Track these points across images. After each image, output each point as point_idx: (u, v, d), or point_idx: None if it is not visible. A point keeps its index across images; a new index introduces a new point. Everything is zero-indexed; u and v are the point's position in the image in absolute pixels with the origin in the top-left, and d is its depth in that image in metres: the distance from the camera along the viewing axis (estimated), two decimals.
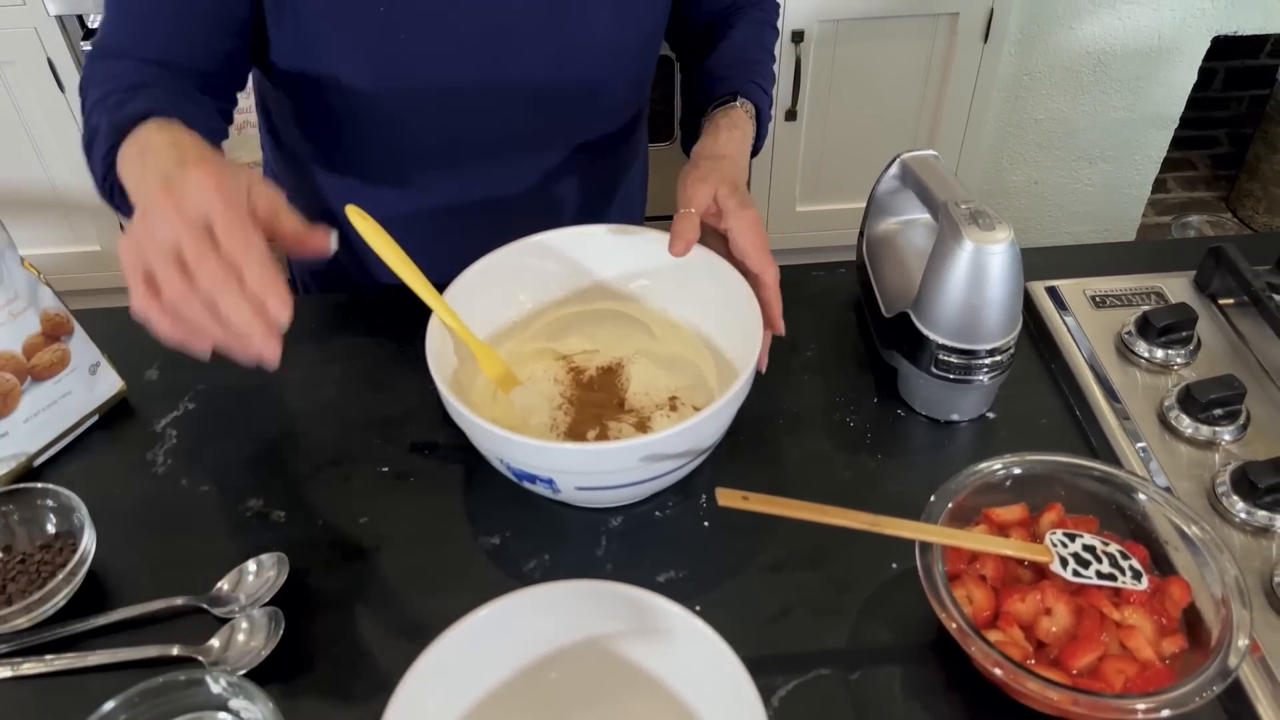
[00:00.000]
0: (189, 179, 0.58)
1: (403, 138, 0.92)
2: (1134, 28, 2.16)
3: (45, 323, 0.80)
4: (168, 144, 0.65)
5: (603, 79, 0.93)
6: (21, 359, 0.79)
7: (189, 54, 0.81)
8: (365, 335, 0.94)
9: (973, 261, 0.76)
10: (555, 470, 0.70)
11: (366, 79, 0.85)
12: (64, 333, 0.81)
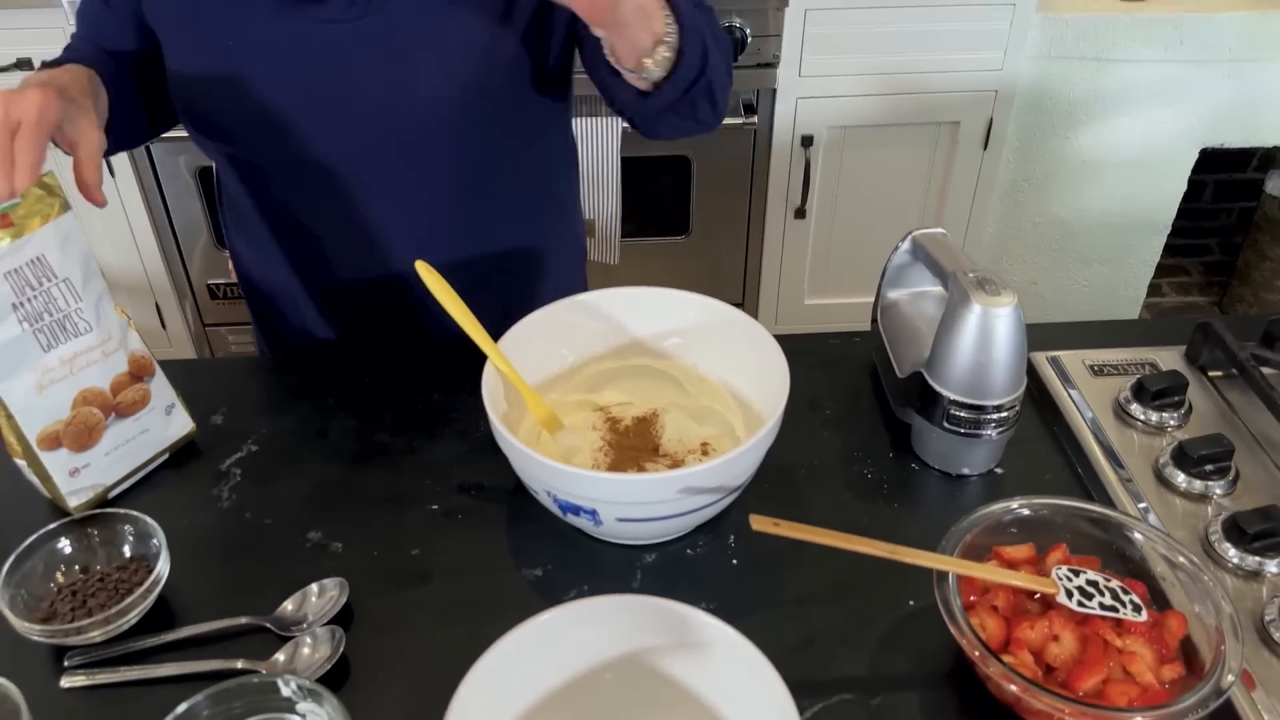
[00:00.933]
0: (29, 92, 0.76)
1: (264, 167, 1.01)
2: (1125, 139, 2.28)
3: (132, 364, 0.87)
4: (51, 73, 0.84)
5: (431, 125, 0.97)
6: (108, 396, 0.86)
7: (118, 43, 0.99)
8: (414, 387, 1.01)
9: (980, 323, 0.84)
10: (599, 501, 0.76)
11: (221, 111, 0.96)
12: (147, 374, 0.88)
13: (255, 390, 1.01)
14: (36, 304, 0.80)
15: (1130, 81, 2.19)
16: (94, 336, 0.84)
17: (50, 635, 0.74)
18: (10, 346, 0.80)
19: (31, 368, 0.81)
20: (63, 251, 0.81)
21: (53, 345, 0.82)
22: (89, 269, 0.84)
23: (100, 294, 0.85)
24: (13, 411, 0.81)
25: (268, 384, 1.02)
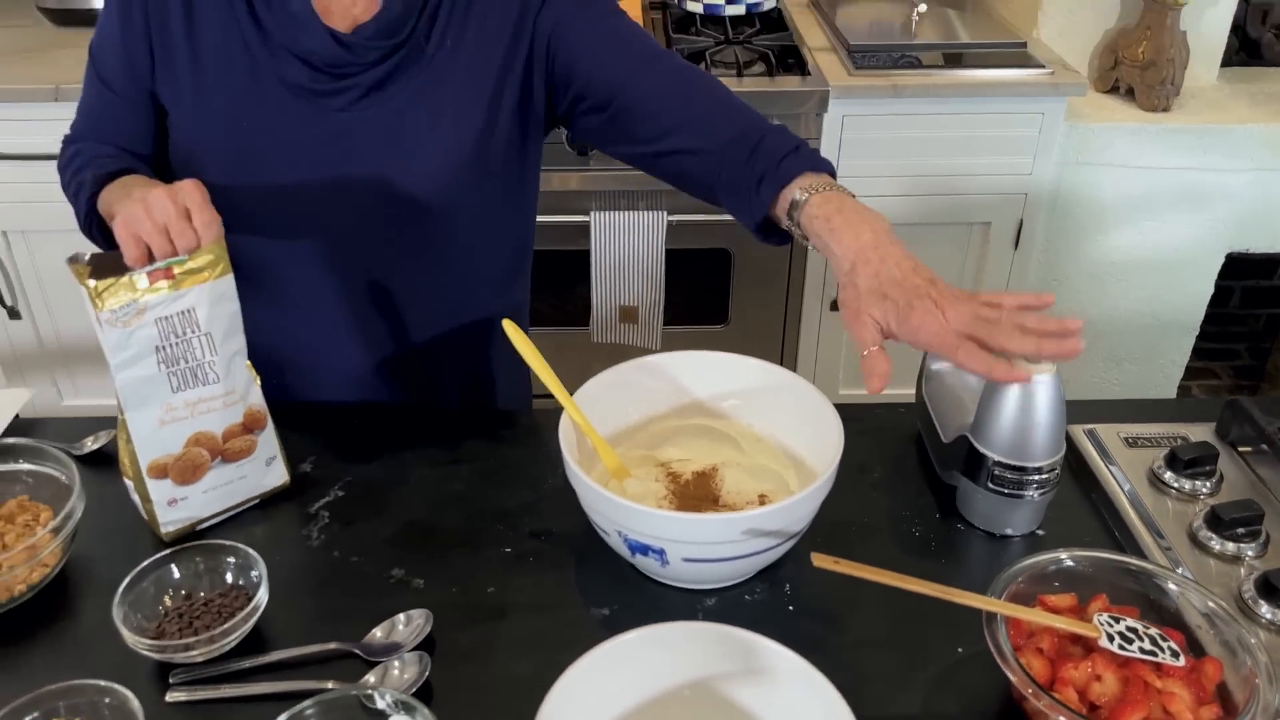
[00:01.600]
0: (183, 184, 0.88)
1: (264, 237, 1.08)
2: (1153, 242, 2.36)
3: (247, 416, 0.95)
4: (144, 182, 0.96)
5: (422, 203, 1.06)
6: (218, 441, 0.93)
7: (128, 141, 1.08)
8: (487, 443, 1.08)
9: (1023, 390, 0.90)
10: (667, 540, 0.82)
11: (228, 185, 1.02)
12: (258, 427, 0.96)
13: (340, 441, 1.08)
14: (176, 350, 0.88)
15: (1156, 187, 2.28)
16: (220, 388, 0.92)
17: (158, 651, 0.80)
18: (145, 382, 0.88)
19: (158, 405, 0.89)
20: (212, 309, 0.89)
21: (181, 388, 0.90)
22: (232, 327, 0.92)
23: (236, 351, 0.93)
24: (133, 438, 0.89)
25: (352, 436, 1.09)
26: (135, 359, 0.87)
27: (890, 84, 2.05)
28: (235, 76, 1.02)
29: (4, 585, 0.85)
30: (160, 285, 0.86)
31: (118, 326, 0.85)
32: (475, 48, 1.05)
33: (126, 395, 0.88)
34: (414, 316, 1.14)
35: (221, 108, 1.03)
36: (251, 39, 1.02)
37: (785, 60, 2.11)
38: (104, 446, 1.07)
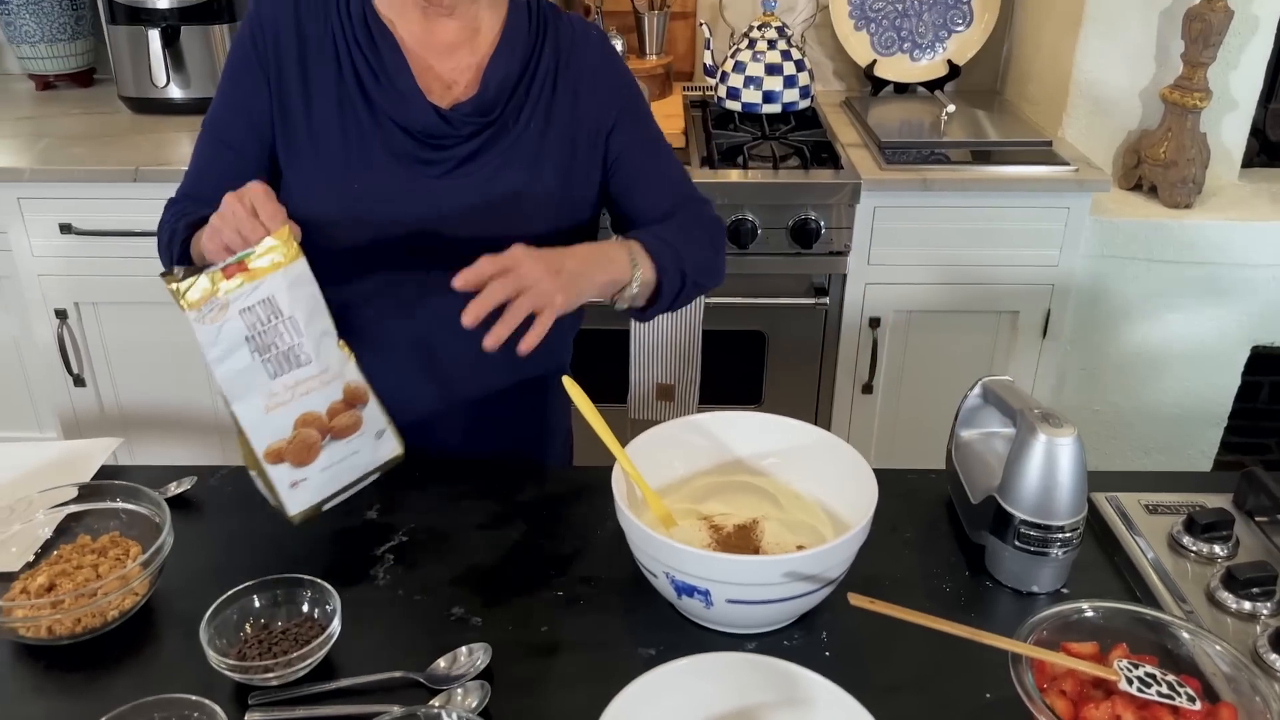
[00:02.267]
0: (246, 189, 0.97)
1: (355, 284, 1.18)
2: (1178, 334, 2.42)
3: (347, 393, 1.01)
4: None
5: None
6: (325, 420, 1.00)
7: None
8: (538, 496, 1.16)
9: (1046, 451, 0.96)
10: (712, 581, 0.88)
11: (335, 244, 1.14)
12: (360, 402, 1.03)
13: (403, 491, 1.15)
14: (265, 339, 0.95)
15: (1180, 281, 2.35)
16: (314, 368, 0.99)
17: (239, 671, 0.87)
18: (242, 373, 0.95)
19: (260, 392, 0.96)
20: (291, 294, 0.96)
21: (278, 374, 0.97)
22: (315, 309, 0.99)
23: (323, 332, 1.00)
24: (244, 428, 0.96)
25: (414, 487, 1.16)
26: (228, 352, 0.94)
27: (920, 178, 2.14)
28: (347, 145, 1.14)
29: (99, 611, 0.92)
30: (236, 279, 0.93)
31: (205, 323, 0.92)
32: (557, 132, 1.19)
33: (228, 388, 0.95)
34: (477, 370, 1.23)
35: (333, 172, 1.15)
36: (362, 112, 1.14)
37: (819, 155, 2.22)
38: (185, 492, 1.15)
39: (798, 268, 2.22)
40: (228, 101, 1.18)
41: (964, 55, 2.62)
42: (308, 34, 1.16)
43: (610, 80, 1.25)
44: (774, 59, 2.35)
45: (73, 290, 2.26)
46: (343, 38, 1.16)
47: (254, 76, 1.16)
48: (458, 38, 1.18)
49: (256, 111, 1.16)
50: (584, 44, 1.23)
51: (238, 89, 1.17)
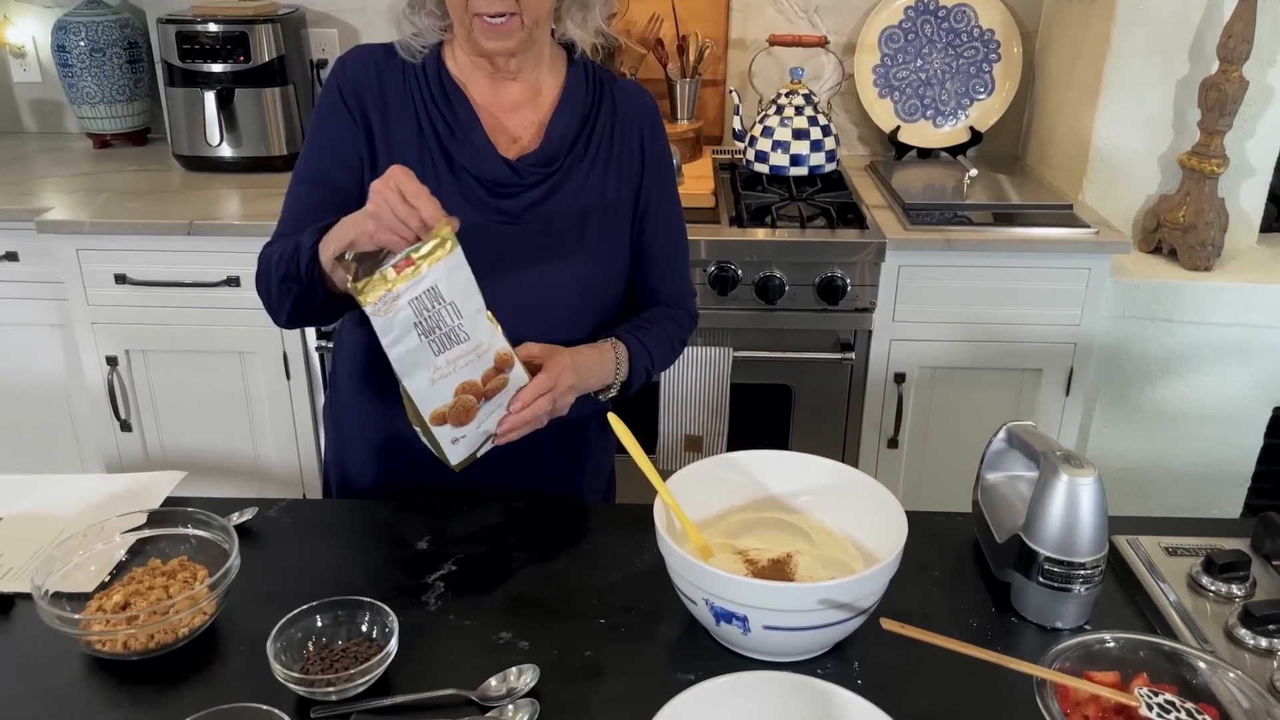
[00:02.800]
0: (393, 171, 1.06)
1: None
2: (1199, 394, 2.45)
3: (497, 360, 1.11)
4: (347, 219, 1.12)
5: (561, 305, 1.28)
6: (479, 385, 1.10)
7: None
8: (580, 531, 1.22)
9: (1068, 491, 1.01)
10: (750, 607, 0.93)
11: None
12: (508, 366, 1.12)
13: (452, 525, 1.21)
14: (429, 322, 1.05)
15: (1201, 342, 2.39)
16: (471, 344, 1.08)
17: (302, 685, 0.92)
18: (411, 353, 1.06)
19: (427, 368, 1.07)
20: (450, 281, 1.06)
21: (441, 351, 1.07)
22: (469, 290, 1.08)
23: (477, 309, 1.09)
24: (413, 398, 1.09)
25: (462, 521, 1.22)
26: (400, 337, 1.05)
27: (944, 238, 2.21)
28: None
29: (170, 628, 0.98)
30: (406, 273, 1.03)
31: (381, 315, 1.03)
32: (613, 184, 1.30)
33: (399, 367, 1.07)
34: None
35: None
36: (440, 163, 1.24)
37: (845, 215, 2.29)
38: (246, 521, 1.21)
39: (824, 323, 2.28)
40: (320, 147, 1.27)
41: (986, 122, 2.71)
42: (388, 92, 1.27)
43: (656, 150, 1.36)
44: (801, 124, 2.44)
45: (123, 338, 2.35)
46: (420, 97, 1.26)
47: (344, 122, 1.26)
48: (522, 98, 1.29)
49: (349, 153, 1.26)
50: (640, 108, 1.36)
51: (329, 134, 1.27)
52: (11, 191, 2.42)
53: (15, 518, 1.21)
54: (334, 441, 1.43)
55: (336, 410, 1.42)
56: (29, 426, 2.50)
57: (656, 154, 1.36)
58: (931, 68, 2.68)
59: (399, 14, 1.27)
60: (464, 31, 1.22)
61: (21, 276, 2.35)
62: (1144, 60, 2.35)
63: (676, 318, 1.40)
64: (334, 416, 1.42)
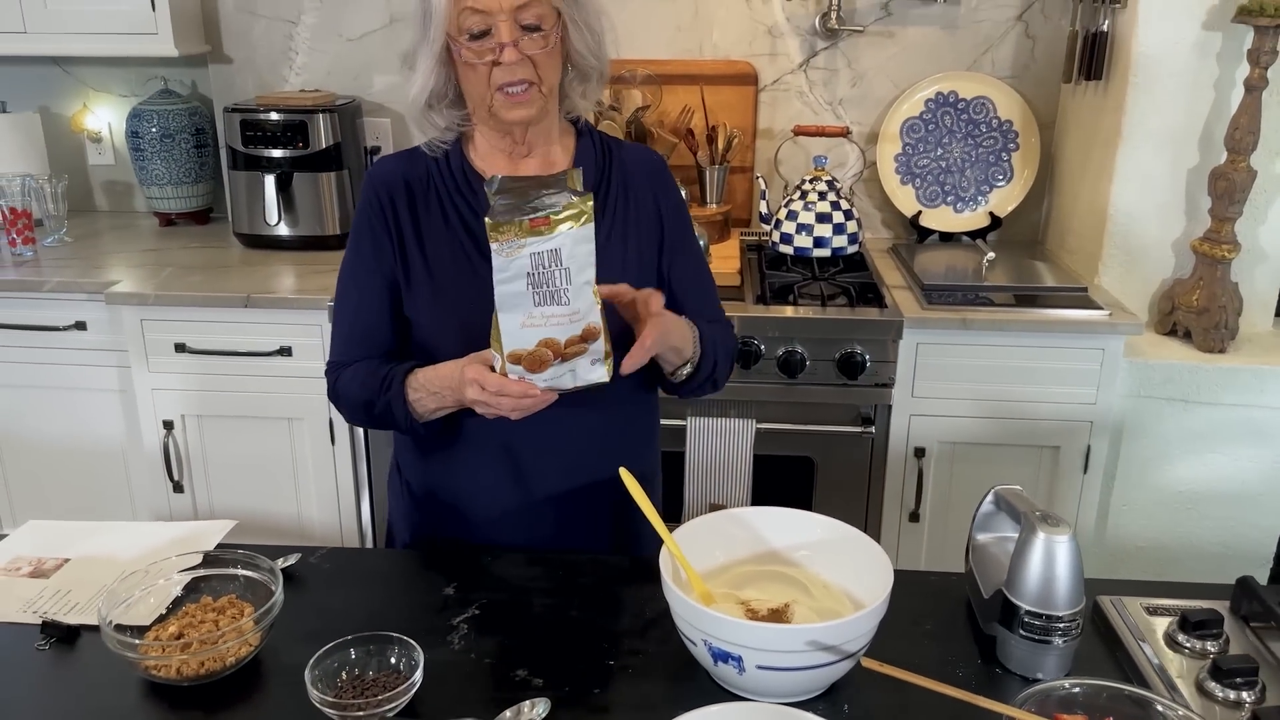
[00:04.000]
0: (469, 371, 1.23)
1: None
2: (1218, 473, 2.49)
3: (585, 331, 1.20)
4: (433, 377, 1.31)
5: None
6: (560, 346, 1.20)
7: (380, 348, 1.42)
8: (596, 581, 1.31)
9: (1045, 548, 1.09)
10: (745, 647, 1.01)
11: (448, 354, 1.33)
12: (593, 338, 1.21)
13: (477, 573, 1.30)
14: (541, 277, 1.16)
15: (1217, 422, 2.44)
16: (568, 309, 1.18)
17: (336, 709, 1.01)
18: (515, 295, 1.17)
19: (522, 313, 1.18)
20: (573, 249, 1.16)
21: (540, 304, 1.17)
22: (586, 263, 1.18)
23: (586, 281, 1.19)
24: (502, 332, 1.19)
25: (486, 570, 1.32)
26: (511, 278, 1.16)
27: (960, 318, 2.30)
28: (459, 275, 1.37)
29: (219, 656, 1.08)
30: (540, 229, 1.14)
31: (502, 255, 1.15)
32: (634, 241, 1.42)
33: (501, 301, 1.17)
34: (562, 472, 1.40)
35: (448, 300, 1.38)
36: (467, 245, 1.37)
37: (865, 294, 2.40)
38: (289, 566, 1.31)
39: (845, 398, 2.37)
40: (364, 263, 1.41)
41: (1005, 208, 2.81)
42: (414, 189, 1.40)
43: (670, 203, 1.48)
44: (824, 209, 2.56)
45: (180, 403, 2.50)
46: (443, 186, 1.40)
47: (377, 232, 1.40)
48: (537, 171, 1.42)
49: (387, 267, 1.40)
50: (648, 167, 1.48)
51: (364, 248, 1.41)
52: (84, 266, 2.60)
53: (82, 559, 1.33)
54: (398, 499, 1.54)
55: (400, 469, 1.53)
56: (89, 486, 2.64)
57: (672, 207, 1.48)
58: (951, 156, 2.80)
59: (418, 115, 1.41)
60: (484, 111, 1.35)
61: (89, 345, 2.51)
62: (1155, 150, 2.45)
63: (725, 330, 1.51)
64: (397, 475, 1.54)
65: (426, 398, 1.32)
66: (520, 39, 1.28)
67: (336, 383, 1.43)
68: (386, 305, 1.41)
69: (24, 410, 2.59)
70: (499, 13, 1.27)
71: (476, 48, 1.29)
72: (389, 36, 2.90)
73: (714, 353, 1.43)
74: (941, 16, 2.76)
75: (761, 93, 2.86)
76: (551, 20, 1.31)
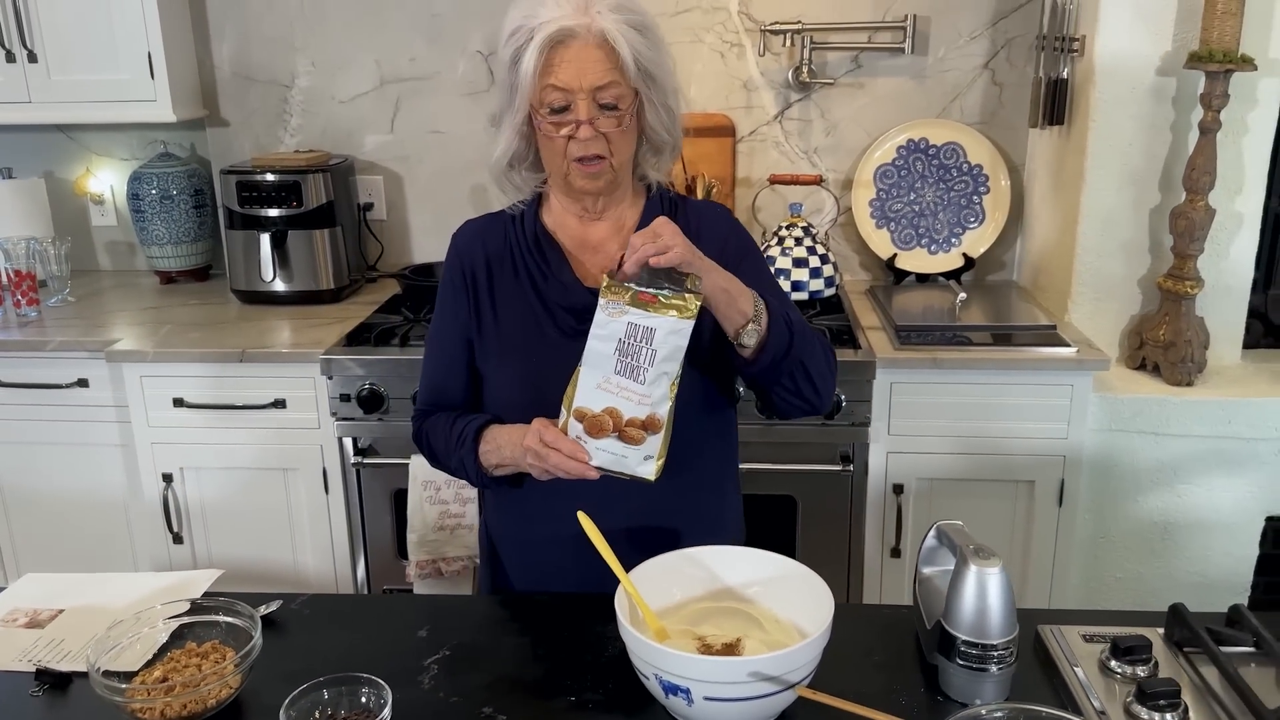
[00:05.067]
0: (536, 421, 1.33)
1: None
2: (1192, 504, 2.55)
3: (648, 419, 1.27)
4: (504, 437, 1.40)
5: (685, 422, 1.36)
6: (620, 420, 1.27)
7: (457, 399, 1.52)
8: (561, 621, 1.37)
9: (977, 580, 1.15)
10: (691, 680, 1.07)
11: (517, 405, 1.42)
12: (653, 430, 1.27)
13: (451, 615, 1.37)
14: (630, 348, 1.25)
15: (1187, 453, 2.50)
16: (641, 389, 1.26)
17: None
18: (601, 355, 1.26)
19: (602, 373, 1.27)
20: (666, 336, 1.24)
21: (619, 373, 1.26)
22: (672, 355, 1.25)
23: (664, 372, 1.26)
24: (579, 385, 1.28)
25: (458, 612, 1.39)
26: (605, 338, 1.25)
27: (931, 357, 2.38)
28: (527, 330, 1.47)
29: (200, 698, 1.15)
30: (643, 303, 1.24)
31: (603, 312, 1.24)
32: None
33: (588, 356, 1.26)
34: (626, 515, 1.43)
35: (518, 356, 1.47)
36: (535, 304, 1.47)
37: (840, 336, 2.47)
38: (272, 612, 1.38)
39: (824, 437, 2.43)
40: (445, 320, 1.53)
41: (978, 249, 2.89)
42: (491, 254, 1.51)
43: (737, 242, 1.54)
44: (800, 254, 2.65)
45: (179, 457, 2.58)
46: (518, 250, 1.50)
47: (456, 291, 1.51)
48: (607, 234, 1.51)
49: (463, 324, 1.50)
50: (712, 218, 1.56)
51: (446, 306, 1.53)
52: (86, 325, 2.70)
53: (76, 609, 1.41)
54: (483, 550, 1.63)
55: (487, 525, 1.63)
56: (92, 538, 2.72)
57: (741, 250, 1.51)
58: (924, 200, 2.89)
59: (499, 174, 1.51)
60: (559, 178, 1.45)
61: (90, 401, 2.60)
62: (1117, 191, 2.53)
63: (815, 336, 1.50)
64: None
65: (492, 453, 1.42)
66: (597, 117, 1.37)
67: (421, 429, 1.55)
68: (462, 359, 1.52)
69: (29, 466, 2.67)
70: (579, 91, 1.36)
71: (556, 120, 1.38)
72: (379, 98, 3.02)
73: (787, 327, 1.38)
74: (909, 67, 2.86)
75: (739, 143, 2.95)
76: (629, 100, 1.39)
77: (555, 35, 1.34)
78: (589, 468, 1.28)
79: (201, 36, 2.99)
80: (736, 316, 1.34)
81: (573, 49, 1.34)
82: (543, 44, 1.34)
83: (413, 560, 2.44)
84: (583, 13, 1.34)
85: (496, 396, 1.49)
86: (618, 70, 1.36)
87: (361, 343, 2.49)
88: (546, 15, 1.34)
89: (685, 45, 2.89)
